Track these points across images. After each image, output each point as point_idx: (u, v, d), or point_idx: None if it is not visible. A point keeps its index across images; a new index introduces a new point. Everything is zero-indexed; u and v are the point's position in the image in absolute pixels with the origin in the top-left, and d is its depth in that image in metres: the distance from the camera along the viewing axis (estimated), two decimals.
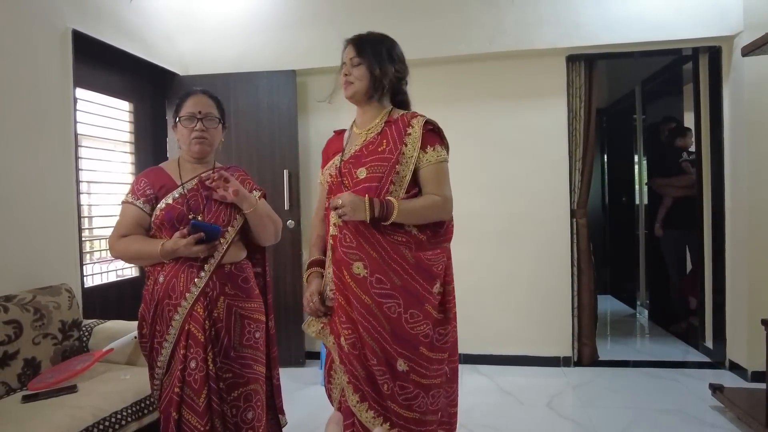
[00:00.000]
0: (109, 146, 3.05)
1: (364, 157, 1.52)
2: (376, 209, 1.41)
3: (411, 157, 1.49)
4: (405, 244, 1.46)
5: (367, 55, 1.53)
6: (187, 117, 1.72)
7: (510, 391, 2.97)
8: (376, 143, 1.53)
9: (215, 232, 1.59)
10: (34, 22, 2.37)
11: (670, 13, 3.06)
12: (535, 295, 3.38)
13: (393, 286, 1.44)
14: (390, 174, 1.47)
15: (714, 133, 3.31)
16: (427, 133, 1.52)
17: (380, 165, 1.48)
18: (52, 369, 2.01)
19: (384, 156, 1.49)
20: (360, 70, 1.53)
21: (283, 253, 3.39)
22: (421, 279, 1.46)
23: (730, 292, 3.20)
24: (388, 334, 1.43)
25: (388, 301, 1.43)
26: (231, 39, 3.54)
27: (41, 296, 2.11)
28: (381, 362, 1.43)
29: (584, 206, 3.39)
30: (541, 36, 3.21)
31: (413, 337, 1.44)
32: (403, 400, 1.43)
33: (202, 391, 1.59)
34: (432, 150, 1.52)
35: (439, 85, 3.43)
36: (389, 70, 1.55)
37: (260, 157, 3.43)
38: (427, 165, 1.51)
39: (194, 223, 1.58)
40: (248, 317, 1.73)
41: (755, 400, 2.38)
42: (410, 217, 1.46)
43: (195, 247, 1.57)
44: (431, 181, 1.51)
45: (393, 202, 1.43)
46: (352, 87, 1.55)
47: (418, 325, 1.45)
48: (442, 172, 1.53)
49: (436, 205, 1.50)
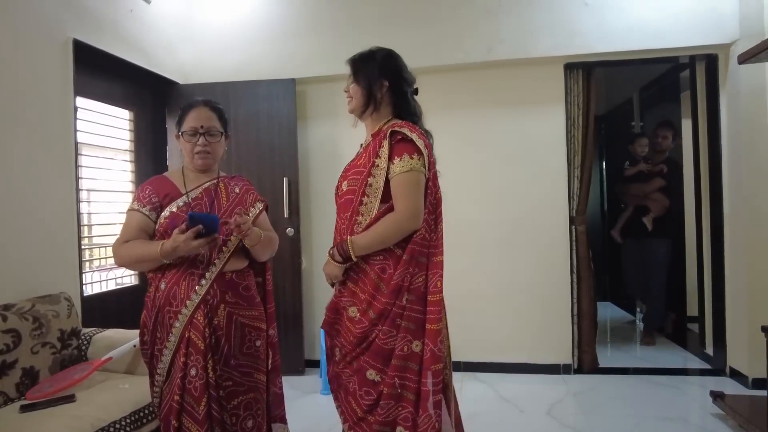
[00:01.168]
0: (109, 155, 3.06)
1: (349, 170, 1.63)
2: (338, 257, 1.55)
3: (383, 169, 1.53)
4: (382, 263, 1.54)
5: (359, 73, 1.64)
6: (190, 132, 1.73)
7: (510, 399, 2.95)
8: (360, 156, 1.63)
9: (213, 221, 1.57)
10: (35, 32, 2.38)
11: (666, 21, 3.09)
12: (535, 302, 3.38)
13: (371, 320, 1.53)
14: (362, 186, 1.54)
15: (712, 140, 3.32)
16: (395, 144, 1.54)
17: (355, 178, 1.58)
18: (51, 378, 2.00)
19: (359, 169, 1.58)
20: (355, 87, 1.65)
21: (283, 261, 3.39)
22: (385, 298, 1.52)
23: (729, 298, 3.20)
24: (364, 352, 1.54)
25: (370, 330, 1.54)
26: (231, 48, 3.56)
27: (40, 305, 2.11)
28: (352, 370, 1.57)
29: (583, 213, 3.40)
30: (538, 44, 3.24)
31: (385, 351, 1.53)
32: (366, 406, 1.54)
33: (202, 398, 1.58)
34: (398, 160, 1.52)
35: (438, 93, 3.44)
36: (381, 84, 1.61)
37: (260, 165, 3.44)
38: (393, 176, 1.53)
39: (191, 214, 1.57)
40: (249, 325, 1.73)
41: (757, 407, 2.37)
42: (371, 247, 1.52)
43: (195, 242, 1.54)
44: (395, 193, 1.53)
45: (348, 244, 1.53)
46: (351, 103, 1.67)
47: (389, 341, 1.52)
48: (407, 183, 1.52)
49: (391, 226, 1.51)
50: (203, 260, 1.67)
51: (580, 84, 3.35)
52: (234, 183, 1.84)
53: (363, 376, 1.53)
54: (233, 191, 1.81)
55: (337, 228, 1.65)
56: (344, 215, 1.59)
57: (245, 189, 1.85)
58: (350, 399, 1.56)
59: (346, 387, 1.59)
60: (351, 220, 1.55)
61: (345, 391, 1.59)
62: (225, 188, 1.80)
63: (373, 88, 1.61)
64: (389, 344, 1.50)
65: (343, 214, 1.60)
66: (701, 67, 3.40)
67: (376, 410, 1.50)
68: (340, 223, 1.63)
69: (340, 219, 1.62)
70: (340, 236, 1.60)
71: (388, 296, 1.50)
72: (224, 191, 1.79)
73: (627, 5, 3.14)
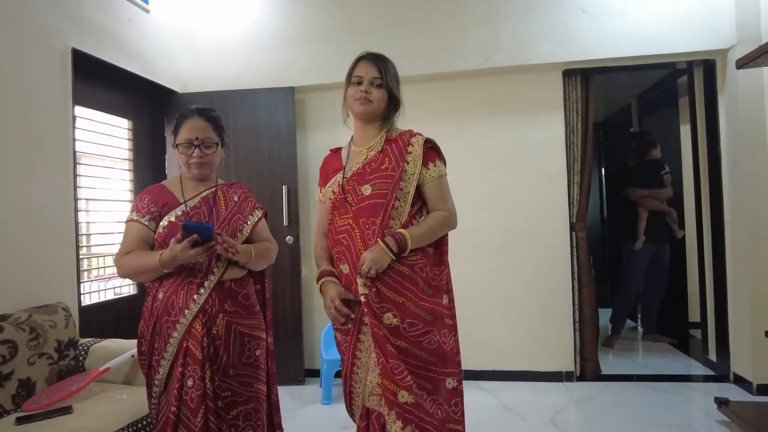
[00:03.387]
0: (108, 164, 3.05)
1: (368, 174, 1.58)
2: (395, 247, 1.48)
3: (413, 174, 1.57)
4: (420, 263, 1.54)
5: (389, 79, 1.60)
6: (185, 144, 1.71)
7: (513, 408, 2.93)
8: (378, 161, 1.58)
9: (207, 230, 1.56)
10: (34, 41, 2.39)
11: (664, 27, 3.10)
12: (536, 309, 3.36)
13: (425, 323, 1.51)
14: (395, 190, 1.54)
15: (711, 145, 3.32)
16: (426, 150, 1.60)
17: (384, 182, 1.55)
18: (47, 389, 1.98)
19: (387, 173, 1.56)
20: (380, 92, 1.60)
21: (282, 270, 3.37)
22: (437, 298, 1.55)
23: (732, 304, 3.18)
24: (433, 365, 1.51)
25: (425, 337, 1.51)
26: (230, 57, 3.57)
27: (37, 315, 2.09)
28: (426, 390, 1.49)
29: (583, 219, 3.39)
30: (536, 51, 3.25)
31: (451, 354, 1.55)
32: (459, 416, 1.54)
33: (199, 410, 1.56)
34: (433, 166, 1.60)
35: (437, 100, 3.45)
36: (401, 95, 1.64)
37: (259, 174, 3.43)
38: (430, 180, 1.59)
39: (184, 224, 1.56)
40: (248, 334, 1.71)
41: (762, 414, 2.35)
42: (423, 241, 1.54)
43: (191, 250, 1.53)
44: (435, 195, 1.60)
45: (405, 234, 1.49)
46: (371, 105, 1.58)
47: (448, 341, 1.55)
48: (444, 186, 1.62)
49: (443, 221, 1.59)
50: (202, 269, 1.65)
51: (579, 90, 3.36)
52: (233, 191, 1.83)
53: (443, 388, 1.52)
54: (232, 199, 1.80)
55: (349, 232, 1.56)
56: (367, 219, 1.53)
57: (244, 196, 1.84)
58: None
59: (418, 414, 1.45)
60: (382, 224, 1.50)
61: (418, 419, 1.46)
62: (224, 196, 1.79)
63: (398, 99, 1.63)
64: (449, 345, 1.54)
65: (365, 219, 1.53)
66: (699, 72, 3.41)
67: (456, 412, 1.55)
68: (359, 228, 1.54)
69: (359, 224, 1.54)
70: (362, 240, 1.53)
71: (438, 297, 1.55)
72: (223, 199, 1.78)
73: (624, 11, 3.15)
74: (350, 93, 1.60)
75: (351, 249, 1.55)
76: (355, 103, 1.59)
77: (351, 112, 1.64)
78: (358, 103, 1.58)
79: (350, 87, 1.61)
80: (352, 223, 1.56)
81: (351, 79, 1.61)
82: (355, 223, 1.55)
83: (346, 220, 1.58)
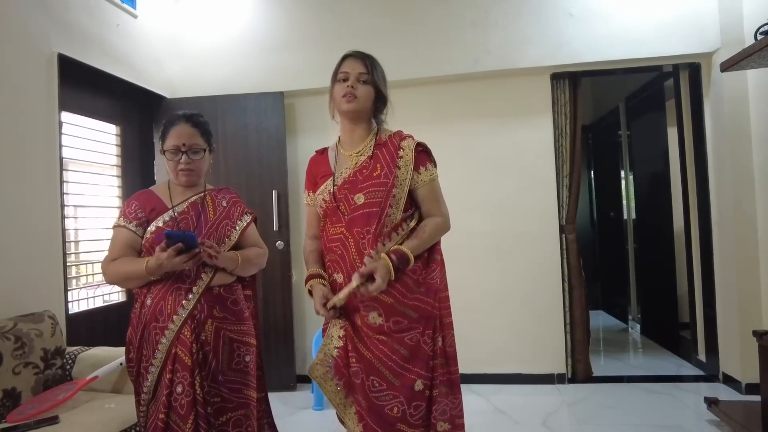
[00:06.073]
0: (96, 170, 3.02)
1: (360, 182, 1.54)
2: (398, 265, 1.45)
3: (405, 180, 1.54)
4: (413, 267, 1.51)
5: (376, 76, 1.57)
6: (172, 150, 1.70)
7: (505, 411, 2.93)
8: (369, 168, 1.55)
9: (190, 239, 1.55)
10: (19, 47, 2.36)
11: (650, 31, 3.14)
12: (528, 312, 3.37)
13: (410, 320, 1.49)
14: (388, 198, 1.51)
15: (697, 147, 3.36)
16: (418, 154, 1.58)
17: (378, 190, 1.52)
18: (33, 399, 1.95)
19: (380, 181, 1.53)
20: (367, 89, 1.56)
21: (273, 275, 3.35)
22: (426, 296, 1.53)
23: (720, 304, 3.21)
24: (408, 362, 1.48)
25: (407, 333, 1.49)
26: (219, 61, 3.56)
27: (23, 324, 2.06)
28: (394, 388, 1.47)
29: (573, 222, 3.41)
30: (525, 55, 3.27)
31: (427, 356, 1.50)
32: (414, 420, 1.47)
33: (189, 416, 1.54)
34: (424, 170, 1.58)
35: (426, 105, 3.46)
36: (388, 92, 1.62)
37: (249, 179, 3.42)
38: (423, 185, 1.57)
39: (167, 233, 1.55)
40: (238, 340, 1.70)
41: (751, 413, 2.37)
42: (420, 251, 1.53)
43: (176, 258, 1.53)
44: (429, 199, 1.58)
45: (406, 252, 1.46)
46: (357, 102, 1.54)
47: (431, 343, 1.51)
48: (437, 189, 1.61)
49: (439, 228, 1.58)
50: (190, 275, 1.64)
51: (567, 94, 3.38)
52: (221, 196, 1.82)
53: (410, 387, 1.47)
54: (220, 204, 1.79)
55: (342, 241, 1.53)
56: (362, 229, 1.50)
57: (233, 202, 1.83)
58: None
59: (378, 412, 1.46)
60: (376, 233, 1.48)
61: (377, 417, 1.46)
62: (212, 202, 1.78)
63: (385, 97, 1.60)
64: (429, 346, 1.51)
65: (359, 228, 1.50)
66: (685, 75, 3.45)
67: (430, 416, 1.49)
68: (353, 236, 1.51)
69: (353, 233, 1.51)
70: (357, 249, 1.50)
71: (429, 296, 1.52)
72: (211, 205, 1.77)
73: (611, 16, 3.19)
74: (336, 90, 1.57)
75: (345, 258, 1.52)
76: (341, 100, 1.55)
77: (338, 111, 1.60)
78: (344, 100, 1.54)
79: (336, 84, 1.57)
80: (345, 232, 1.53)
81: (337, 76, 1.58)
82: (348, 232, 1.52)
83: (338, 229, 1.54)
